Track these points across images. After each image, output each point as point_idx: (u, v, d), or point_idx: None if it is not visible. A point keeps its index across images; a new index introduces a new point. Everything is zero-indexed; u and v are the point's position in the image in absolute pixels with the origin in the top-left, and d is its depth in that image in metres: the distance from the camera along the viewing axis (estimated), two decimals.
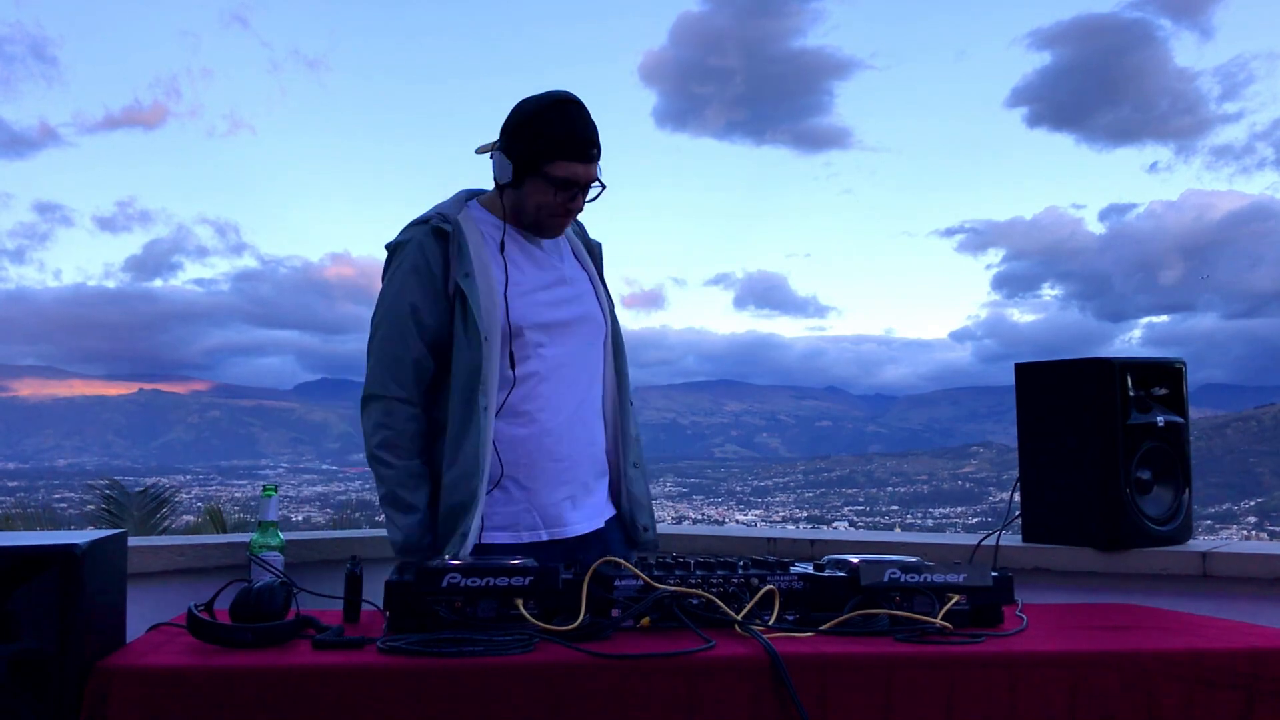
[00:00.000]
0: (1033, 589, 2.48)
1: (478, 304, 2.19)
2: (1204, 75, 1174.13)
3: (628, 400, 2.41)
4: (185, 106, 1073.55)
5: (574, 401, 2.31)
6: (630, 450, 2.40)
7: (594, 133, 2.23)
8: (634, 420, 2.44)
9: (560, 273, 2.36)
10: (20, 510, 10.37)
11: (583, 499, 2.32)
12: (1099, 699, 1.61)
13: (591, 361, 2.37)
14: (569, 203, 2.25)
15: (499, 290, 2.22)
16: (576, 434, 2.30)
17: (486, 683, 1.51)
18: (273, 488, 2.15)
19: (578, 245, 2.47)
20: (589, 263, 2.46)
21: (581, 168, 2.21)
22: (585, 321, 2.36)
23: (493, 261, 2.25)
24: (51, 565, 1.46)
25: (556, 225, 2.32)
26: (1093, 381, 2.58)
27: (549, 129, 2.18)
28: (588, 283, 2.41)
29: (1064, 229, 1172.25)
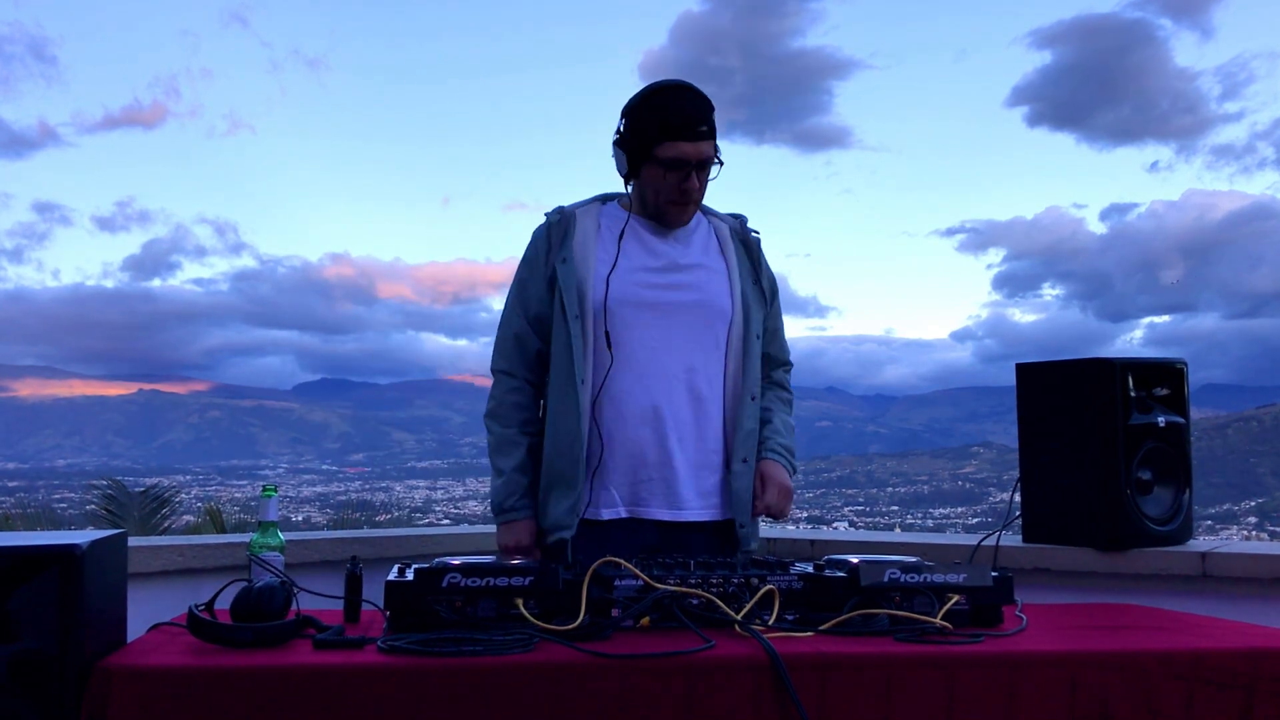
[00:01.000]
0: (1033, 589, 2.48)
1: (569, 285, 2.30)
2: (1204, 75, 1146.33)
3: (748, 395, 2.34)
4: (185, 106, 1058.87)
5: (665, 386, 2.29)
6: (740, 446, 2.33)
7: (700, 110, 2.25)
8: (753, 416, 2.36)
9: (674, 259, 2.36)
10: (20, 510, 10.37)
11: (672, 485, 2.30)
12: (1099, 699, 1.61)
13: (700, 348, 2.33)
14: (683, 183, 2.27)
15: (596, 272, 2.32)
16: (662, 419, 2.29)
17: (486, 683, 1.51)
18: (272, 488, 2.15)
19: (726, 239, 2.44)
20: (734, 255, 2.41)
21: (690, 146, 2.24)
22: (697, 307, 2.33)
23: (599, 247, 2.35)
24: (51, 565, 1.46)
25: (677, 212, 2.34)
26: (1093, 382, 2.58)
27: (652, 113, 2.26)
28: (715, 272, 2.38)
29: (1065, 229, 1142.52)
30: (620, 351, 2.29)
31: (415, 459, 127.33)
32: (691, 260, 2.37)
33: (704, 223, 2.45)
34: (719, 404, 2.34)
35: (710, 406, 2.33)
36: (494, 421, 2.41)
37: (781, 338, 2.54)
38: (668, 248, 2.37)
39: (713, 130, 2.27)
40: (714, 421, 2.34)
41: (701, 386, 2.32)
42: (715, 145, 2.29)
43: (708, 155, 2.27)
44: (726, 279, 2.38)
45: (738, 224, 2.49)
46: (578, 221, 2.39)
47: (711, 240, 2.43)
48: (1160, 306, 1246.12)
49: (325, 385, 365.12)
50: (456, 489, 67.83)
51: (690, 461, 2.31)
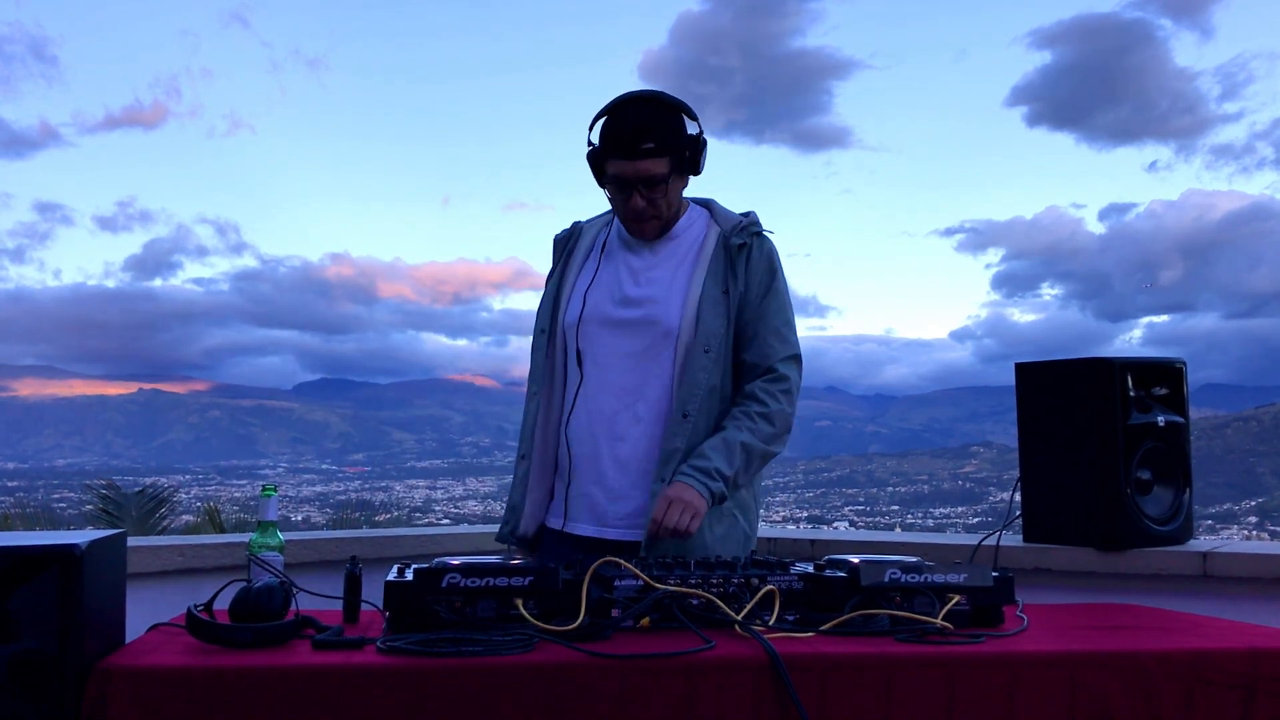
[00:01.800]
0: (1033, 589, 2.48)
1: (547, 299, 2.41)
2: (1204, 75, 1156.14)
3: (680, 412, 2.23)
4: (185, 106, 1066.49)
5: (612, 404, 2.29)
6: (665, 466, 2.22)
7: (645, 127, 2.20)
8: (682, 435, 2.22)
9: (639, 275, 2.34)
10: (20, 510, 10.37)
11: (602, 503, 2.29)
12: (1099, 699, 1.61)
13: (644, 365, 2.29)
14: (628, 202, 2.26)
15: (570, 289, 2.38)
16: (606, 436, 2.29)
17: (486, 683, 1.51)
18: (272, 488, 2.15)
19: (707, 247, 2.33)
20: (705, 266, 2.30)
21: (629, 165, 2.21)
22: (644, 325, 2.29)
23: (584, 264, 2.41)
24: (51, 565, 1.46)
25: (635, 228, 2.33)
26: (1093, 381, 2.58)
27: (601, 130, 2.26)
28: (675, 288, 2.29)
29: (1064, 229, 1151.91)
30: (575, 369, 2.35)
31: (415, 459, 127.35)
32: (653, 275, 2.33)
33: (696, 229, 2.37)
34: (659, 423, 2.27)
35: (650, 426, 2.27)
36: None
37: (765, 341, 2.32)
38: (637, 261, 2.36)
39: (664, 146, 2.20)
40: (652, 441, 2.27)
41: (642, 406, 2.28)
42: (672, 160, 2.22)
43: (650, 174, 2.21)
44: (684, 292, 2.29)
45: (731, 226, 2.36)
46: (583, 236, 2.45)
47: (692, 249, 2.34)
48: (1159, 306, 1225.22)
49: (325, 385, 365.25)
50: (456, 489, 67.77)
51: (622, 481, 2.28)
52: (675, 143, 2.23)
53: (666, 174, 2.23)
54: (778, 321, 2.34)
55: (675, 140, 2.23)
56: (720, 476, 2.19)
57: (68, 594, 1.46)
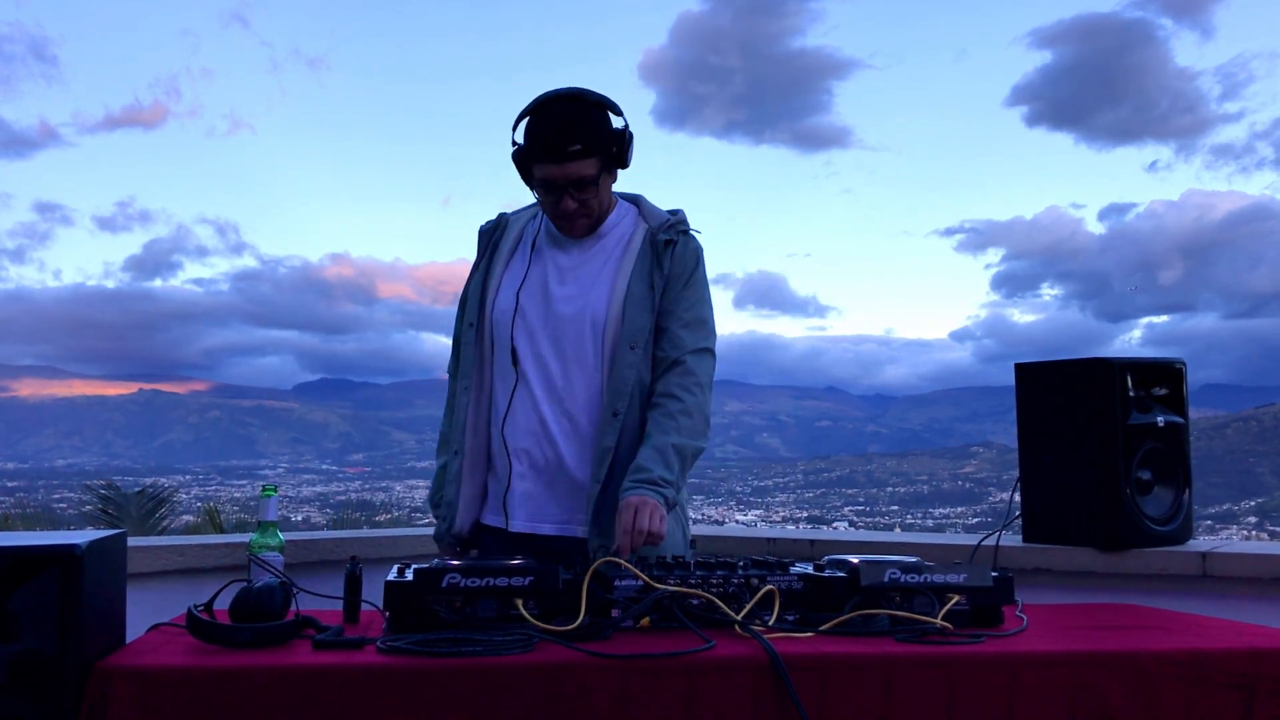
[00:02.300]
0: (1033, 589, 2.48)
1: (475, 292, 2.38)
2: (1204, 75, 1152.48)
3: (610, 410, 2.23)
4: (185, 106, 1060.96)
5: (539, 401, 2.28)
6: (595, 465, 2.23)
7: (571, 129, 2.17)
8: (613, 433, 2.22)
9: (567, 272, 2.33)
10: (20, 510, 10.37)
11: (537, 501, 2.29)
12: (1099, 699, 1.61)
13: (571, 362, 2.28)
14: (557, 204, 2.24)
15: (496, 283, 2.36)
16: (535, 434, 2.28)
17: (486, 683, 1.51)
18: (272, 488, 2.15)
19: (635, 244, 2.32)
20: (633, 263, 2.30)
21: (556, 169, 2.19)
22: (573, 321, 2.28)
23: (513, 259, 2.38)
24: (51, 565, 1.46)
25: (564, 226, 2.31)
26: (1093, 381, 2.59)
27: (527, 133, 2.23)
28: (602, 284, 2.29)
29: (1064, 229, 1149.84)
30: (503, 364, 2.33)
31: (415, 459, 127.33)
32: (580, 272, 2.32)
33: (624, 226, 2.36)
34: (591, 421, 2.27)
35: (582, 424, 2.27)
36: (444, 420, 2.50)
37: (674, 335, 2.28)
38: (564, 258, 2.34)
39: (592, 146, 2.18)
40: (582, 438, 2.27)
41: (571, 404, 2.28)
42: (601, 159, 2.20)
43: (579, 175, 2.19)
44: (610, 289, 2.28)
45: (659, 223, 2.34)
46: (509, 229, 2.42)
47: (619, 246, 2.33)
48: (1159, 306, 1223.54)
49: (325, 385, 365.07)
50: None
51: (553, 479, 2.28)
52: (602, 141, 2.20)
53: (596, 174, 2.21)
54: (689, 315, 2.31)
55: (602, 139, 2.20)
56: (666, 483, 2.17)
57: (68, 594, 1.46)
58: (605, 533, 2.21)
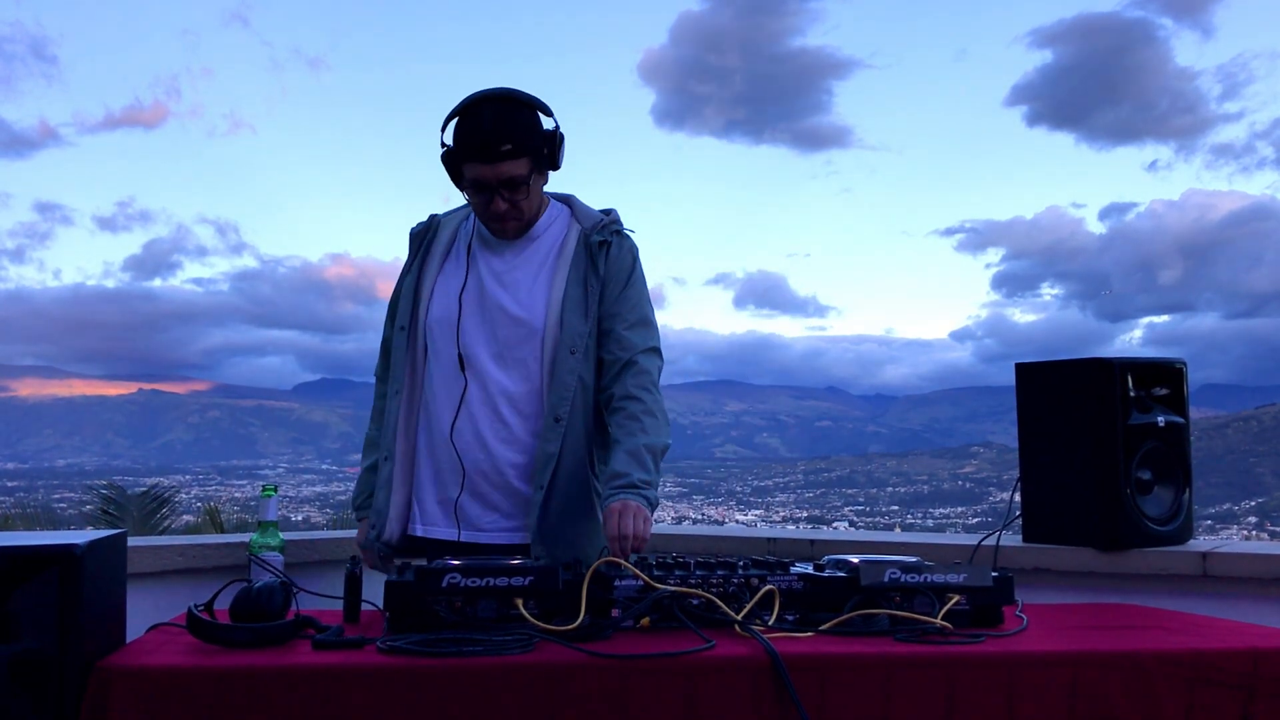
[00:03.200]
0: (1033, 589, 2.48)
1: (407, 295, 2.36)
2: (1205, 74, 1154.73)
3: (552, 415, 2.22)
4: (185, 106, 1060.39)
5: (475, 407, 2.25)
6: (541, 471, 2.21)
7: (501, 129, 2.15)
8: (555, 439, 2.22)
9: (497, 275, 2.30)
10: (20, 510, 10.37)
11: (476, 509, 2.26)
12: (1099, 699, 1.61)
13: (509, 367, 2.26)
14: (489, 205, 2.22)
15: (436, 286, 2.34)
16: (471, 441, 2.25)
17: (486, 683, 1.51)
18: (272, 488, 2.15)
19: (569, 245, 2.32)
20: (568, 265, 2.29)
21: (487, 169, 2.17)
22: (507, 326, 2.26)
23: (443, 261, 2.37)
24: (51, 565, 1.46)
25: (495, 228, 2.29)
26: (1093, 381, 2.58)
27: (455, 131, 2.21)
28: (539, 289, 2.28)
29: (1064, 229, 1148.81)
30: (436, 370, 2.29)
31: None
32: (514, 276, 2.30)
33: (556, 228, 2.36)
34: (530, 426, 2.26)
35: (519, 430, 2.26)
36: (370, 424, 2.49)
37: (619, 336, 2.29)
38: (497, 261, 2.32)
39: (522, 147, 2.17)
40: (521, 444, 2.26)
41: (508, 410, 2.25)
42: (532, 160, 2.19)
43: (510, 175, 2.17)
44: (546, 293, 2.27)
45: (591, 224, 2.34)
46: (440, 230, 2.40)
47: (552, 249, 2.32)
48: (1159, 306, 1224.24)
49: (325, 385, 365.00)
50: None
51: (493, 486, 2.26)
52: (533, 142, 2.19)
53: (527, 174, 2.20)
54: (633, 316, 2.31)
55: (533, 139, 2.19)
56: (646, 484, 2.16)
57: (68, 594, 1.46)
58: (548, 540, 2.19)
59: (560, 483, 2.23)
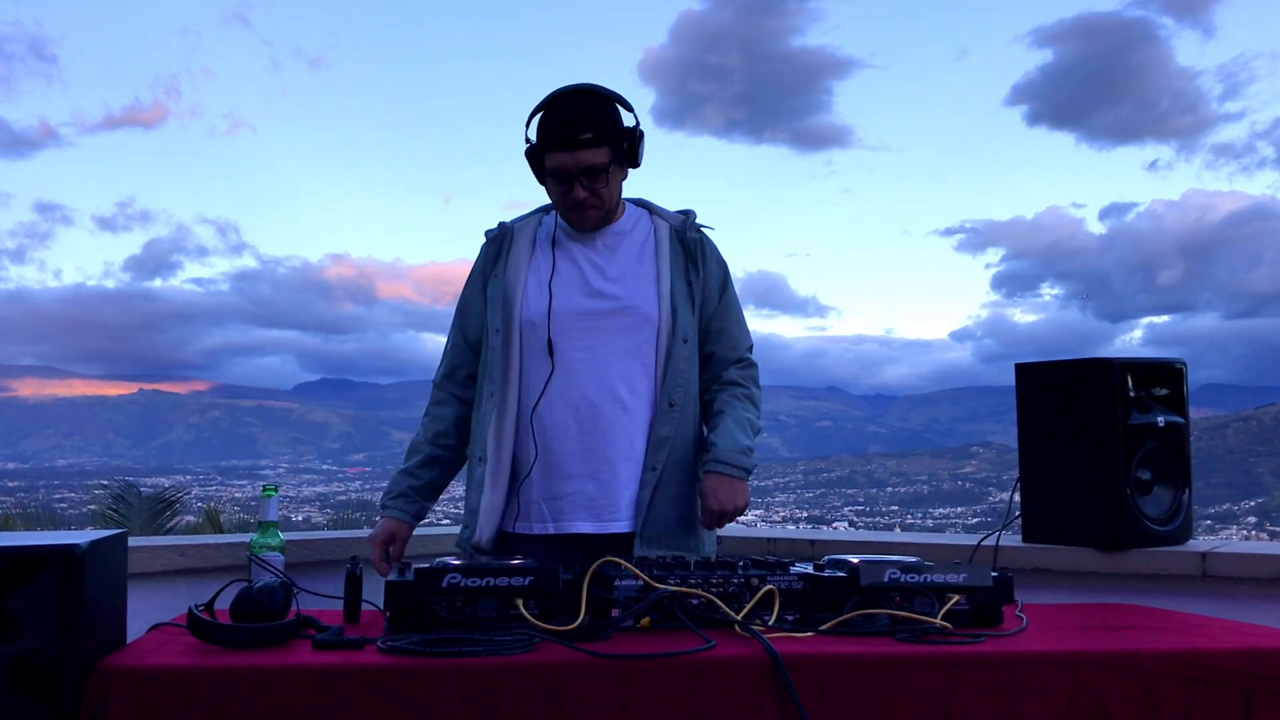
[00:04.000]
0: (1033, 589, 2.48)
1: (495, 299, 2.35)
2: (1205, 74, 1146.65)
3: (666, 401, 2.29)
4: (185, 106, 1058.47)
5: (588, 397, 2.27)
6: (651, 454, 2.27)
7: (583, 117, 2.20)
8: (670, 423, 2.29)
9: (601, 268, 2.34)
10: (20, 510, 10.37)
11: (597, 499, 2.27)
12: (1099, 699, 1.61)
13: (624, 357, 2.30)
14: (568, 194, 2.25)
15: (523, 285, 2.34)
16: (590, 431, 2.27)
17: (486, 683, 1.51)
18: (273, 488, 2.15)
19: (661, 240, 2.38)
20: (666, 259, 2.35)
21: (568, 156, 2.21)
22: (622, 316, 2.30)
23: (530, 260, 2.37)
24: (51, 565, 1.46)
25: (576, 218, 2.32)
26: (1093, 382, 2.58)
27: (538, 123, 2.26)
28: (642, 278, 2.33)
29: (1064, 229, 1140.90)
30: (544, 365, 2.29)
31: None
32: (617, 269, 2.34)
33: (643, 224, 2.41)
34: (644, 413, 2.30)
35: (636, 416, 2.29)
36: (419, 430, 2.47)
37: (731, 334, 2.42)
38: (594, 255, 2.35)
39: (603, 137, 2.21)
40: (639, 431, 2.29)
41: (627, 396, 2.29)
42: (612, 150, 2.23)
43: (590, 164, 2.21)
44: (654, 284, 2.33)
45: (680, 222, 2.41)
46: (515, 236, 2.40)
47: (647, 243, 2.38)
48: (1159, 306, 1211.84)
49: (325, 385, 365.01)
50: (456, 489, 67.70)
51: (615, 474, 2.28)
52: (613, 133, 2.24)
53: (606, 164, 2.23)
54: (738, 315, 2.46)
55: (613, 130, 2.24)
56: (748, 451, 2.30)
57: (68, 594, 1.46)
58: (656, 522, 2.26)
59: (670, 470, 2.29)
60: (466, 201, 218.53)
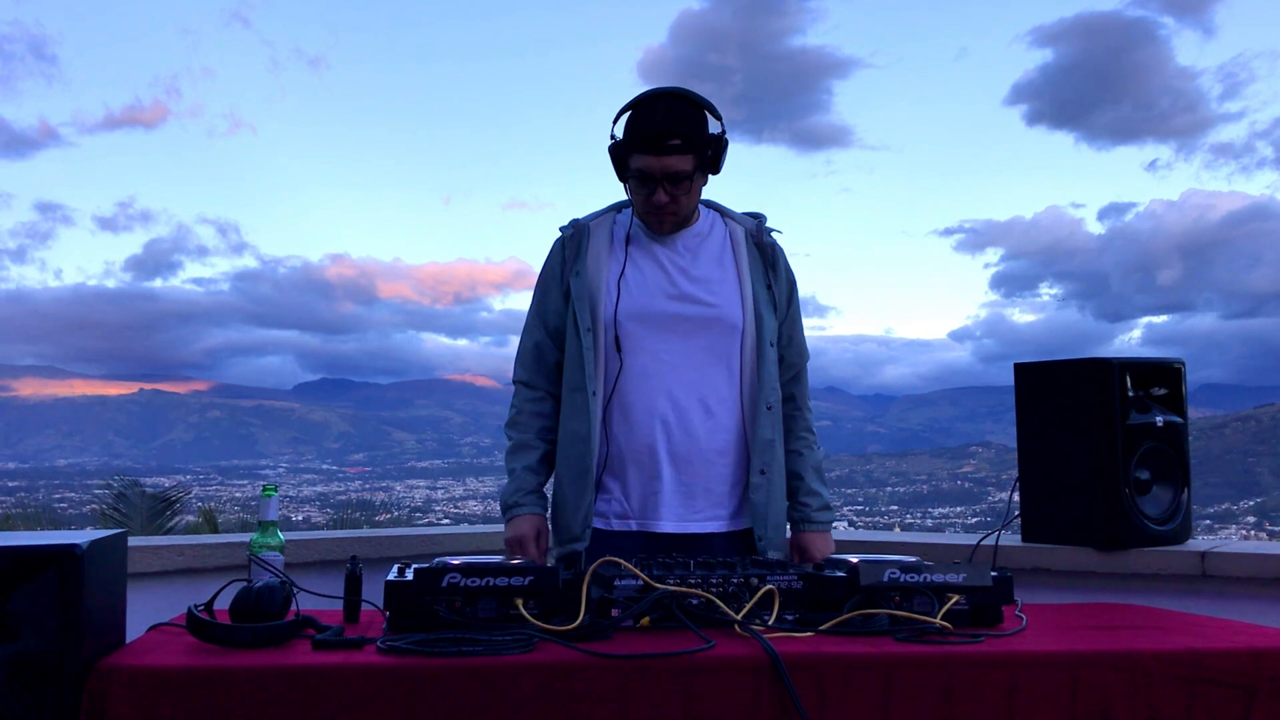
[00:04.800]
0: (1032, 589, 2.48)
1: (581, 297, 2.34)
2: (1205, 74, 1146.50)
3: (764, 404, 2.32)
4: (186, 106, 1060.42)
5: (675, 397, 2.29)
6: (758, 456, 2.32)
7: (673, 123, 2.22)
8: (771, 425, 2.34)
9: (684, 270, 2.35)
10: (20, 510, 10.38)
11: (682, 497, 2.30)
12: (1099, 699, 1.61)
13: (711, 360, 2.32)
14: (650, 197, 2.26)
15: (608, 284, 2.33)
16: (673, 430, 2.29)
17: (486, 683, 1.51)
18: (273, 488, 2.15)
19: (739, 244, 2.40)
20: (745, 262, 2.38)
21: (654, 160, 2.22)
22: (708, 321, 2.32)
23: (611, 259, 2.36)
24: (51, 565, 1.46)
25: (654, 221, 2.33)
26: (1092, 381, 2.59)
27: (627, 124, 2.26)
28: (726, 282, 2.35)
29: (1063, 229, 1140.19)
30: (632, 364, 2.30)
31: (415, 459, 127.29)
32: (701, 271, 2.36)
33: (718, 227, 2.43)
34: (734, 416, 2.33)
35: (724, 419, 2.32)
36: (513, 429, 2.43)
37: (799, 341, 2.49)
38: (677, 257, 2.36)
39: (690, 143, 2.22)
40: (728, 433, 2.32)
41: (713, 399, 2.32)
42: (698, 158, 2.24)
43: (675, 170, 2.23)
44: (738, 289, 2.36)
45: (754, 225, 2.45)
46: (591, 234, 2.40)
47: (725, 246, 2.40)
48: (1158, 306, 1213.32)
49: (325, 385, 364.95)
50: (456, 489, 67.78)
51: (701, 474, 2.31)
52: (700, 140, 2.24)
53: (691, 171, 2.25)
54: (802, 323, 2.51)
55: (700, 138, 2.25)
56: (830, 506, 2.46)
57: (68, 594, 1.46)
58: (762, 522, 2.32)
59: (776, 472, 2.36)
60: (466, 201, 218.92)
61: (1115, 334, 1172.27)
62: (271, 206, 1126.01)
